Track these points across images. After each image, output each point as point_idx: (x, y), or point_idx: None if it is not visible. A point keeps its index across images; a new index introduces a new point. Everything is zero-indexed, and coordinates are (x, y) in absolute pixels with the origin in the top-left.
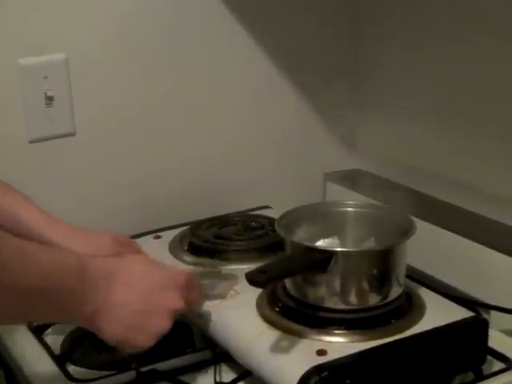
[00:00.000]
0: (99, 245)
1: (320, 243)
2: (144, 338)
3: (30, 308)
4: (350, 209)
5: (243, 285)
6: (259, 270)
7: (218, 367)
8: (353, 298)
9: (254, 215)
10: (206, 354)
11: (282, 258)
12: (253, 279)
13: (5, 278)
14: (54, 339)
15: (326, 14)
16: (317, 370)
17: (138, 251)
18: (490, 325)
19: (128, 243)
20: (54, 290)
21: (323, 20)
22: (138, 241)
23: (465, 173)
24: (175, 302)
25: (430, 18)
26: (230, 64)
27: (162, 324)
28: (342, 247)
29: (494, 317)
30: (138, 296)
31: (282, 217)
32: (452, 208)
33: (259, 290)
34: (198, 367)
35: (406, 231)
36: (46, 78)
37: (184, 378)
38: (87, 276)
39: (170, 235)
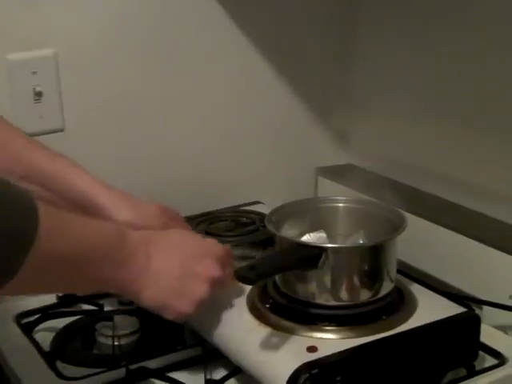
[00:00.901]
0: (147, 213)
1: (305, 238)
2: (184, 304)
3: (71, 276)
4: (340, 204)
5: (233, 281)
6: (249, 267)
7: (208, 364)
8: (344, 294)
9: (244, 211)
10: (197, 351)
11: (271, 254)
12: (242, 276)
13: (47, 248)
14: (44, 336)
15: (319, 12)
16: (307, 367)
17: (184, 226)
18: (483, 320)
19: (176, 217)
20: (94, 258)
21: (315, 18)
22: None
23: (456, 168)
24: (214, 270)
25: (424, 15)
26: (223, 62)
27: (202, 290)
28: (331, 242)
29: (487, 312)
30: (176, 262)
31: (272, 212)
32: (443, 203)
33: (249, 287)
34: (189, 364)
35: (397, 226)
36: (34, 73)
37: (174, 375)
38: (126, 244)
39: None
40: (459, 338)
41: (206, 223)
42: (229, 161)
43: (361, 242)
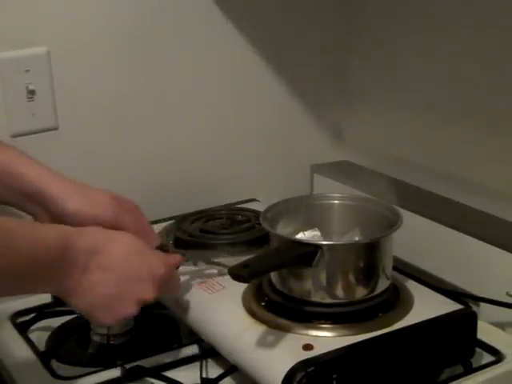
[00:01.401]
0: (96, 202)
1: (300, 236)
2: (106, 318)
3: (5, 287)
4: (335, 201)
5: (228, 279)
6: (243, 265)
7: (204, 363)
8: (339, 292)
9: (240, 208)
10: (193, 350)
11: (266, 252)
12: (236, 274)
13: None
14: (39, 336)
15: (315, 8)
16: (303, 365)
17: (141, 222)
18: (480, 317)
19: (133, 210)
20: (31, 275)
21: (312, 15)
22: None
23: (453, 164)
24: (147, 294)
25: (420, 9)
26: (218, 59)
27: (128, 310)
28: (326, 240)
29: (484, 309)
30: (113, 281)
31: (267, 210)
32: (440, 199)
33: (245, 285)
34: (184, 363)
35: (393, 223)
36: (27, 71)
37: (170, 374)
38: (67, 252)
39: (155, 230)
40: (456, 335)
41: (201, 221)
42: (224, 159)
43: (356, 239)
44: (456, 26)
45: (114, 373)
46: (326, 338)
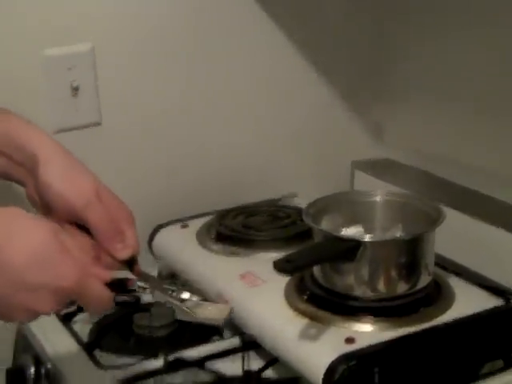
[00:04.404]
0: (75, 185)
1: (343, 232)
2: (2, 317)
3: None
4: (377, 197)
5: (271, 273)
6: (286, 259)
7: (245, 355)
8: (381, 287)
9: (281, 205)
10: (234, 342)
11: (309, 247)
12: (280, 267)
13: None
14: (82, 327)
15: (354, 7)
16: (345, 358)
17: (117, 215)
18: None
19: (110, 202)
20: None
21: (351, 13)
22: (165, 229)
23: (494, 161)
24: (41, 306)
25: (455, 5)
26: (257, 54)
27: (19, 318)
28: (368, 236)
29: None
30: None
31: (310, 205)
32: (481, 197)
33: (287, 279)
34: (226, 354)
35: (435, 219)
36: (71, 68)
37: (211, 366)
38: None
39: (196, 224)
40: (497, 330)
41: (242, 216)
42: (265, 154)
43: (398, 235)
44: (499, 19)
45: (156, 363)
46: (367, 332)
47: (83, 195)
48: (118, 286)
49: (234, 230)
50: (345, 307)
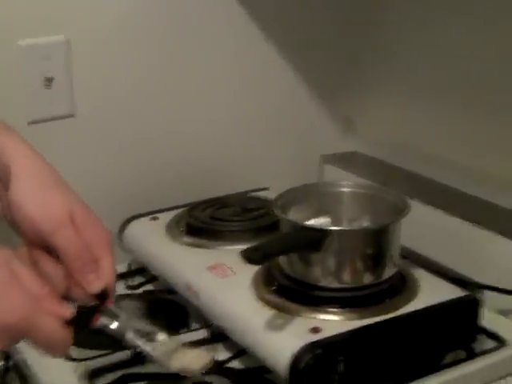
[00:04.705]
0: (45, 205)
1: (311, 222)
2: None
3: None
4: (345, 189)
5: (240, 265)
6: (254, 248)
7: (213, 346)
8: (347, 277)
9: (250, 197)
10: (202, 334)
11: (276, 237)
12: (247, 257)
13: None
14: None
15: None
16: (310, 347)
17: (91, 239)
18: (484, 304)
19: (85, 227)
20: None
21: (326, 7)
22: (135, 222)
23: (463, 155)
24: None
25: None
26: (228, 45)
27: None
28: (335, 226)
29: (488, 297)
30: None
31: (279, 197)
32: (448, 189)
33: (255, 270)
34: (193, 346)
35: (401, 211)
36: (46, 59)
37: None
38: None
39: (166, 217)
40: (459, 321)
41: (212, 208)
42: (235, 148)
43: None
44: (469, 14)
45: (123, 355)
46: (333, 322)
47: (52, 218)
48: (79, 322)
49: (204, 222)
50: (311, 297)
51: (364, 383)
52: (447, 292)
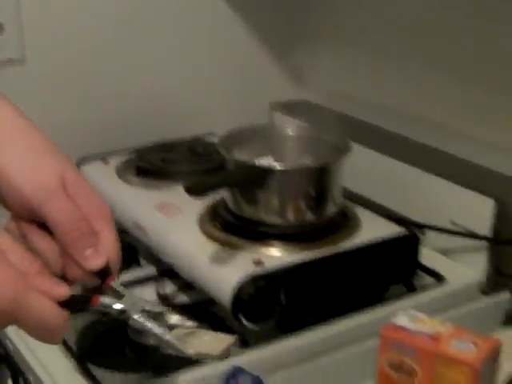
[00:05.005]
0: (37, 180)
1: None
2: None
3: None
4: (289, 131)
5: (187, 204)
6: (196, 181)
7: (160, 281)
8: (290, 214)
9: (199, 141)
10: (150, 271)
11: (220, 172)
12: (189, 188)
13: None
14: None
15: None
16: (253, 279)
17: (88, 209)
18: (425, 244)
19: (75, 186)
20: None
21: None
22: (86, 166)
23: (410, 104)
24: None
25: None
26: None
27: None
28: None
29: (429, 237)
30: None
31: (224, 137)
32: (395, 136)
33: (201, 209)
34: (141, 282)
35: (342, 151)
36: None
37: None
38: None
39: (117, 160)
40: (399, 257)
41: (162, 152)
42: (187, 94)
43: None
44: None
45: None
46: (275, 256)
47: (42, 186)
48: (76, 303)
49: (154, 164)
50: (255, 233)
51: (307, 315)
52: (388, 229)
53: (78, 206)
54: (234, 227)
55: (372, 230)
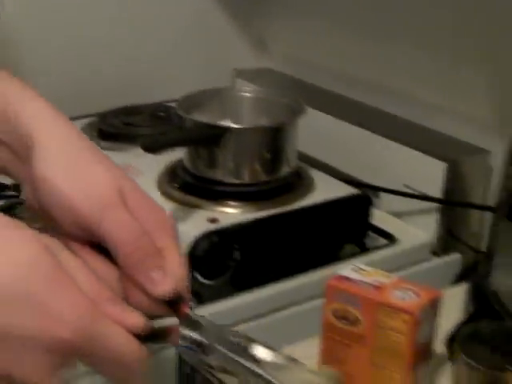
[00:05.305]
0: (90, 190)
1: None
2: None
3: None
4: (246, 94)
5: (148, 165)
6: (152, 138)
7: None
8: (245, 173)
9: (160, 105)
10: None
11: (177, 131)
12: (146, 146)
13: None
14: None
15: None
16: (208, 235)
17: (153, 225)
18: (378, 207)
19: (133, 198)
20: None
21: None
22: None
23: (367, 71)
24: (26, 374)
25: None
26: None
27: None
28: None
29: (383, 200)
30: None
31: (183, 99)
32: (354, 103)
33: (160, 170)
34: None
35: (297, 112)
36: None
37: None
38: None
39: (79, 124)
40: (351, 217)
41: (123, 116)
42: (149, 60)
43: None
44: None
45: None
46: (230, 214)
47: (98, 200)
48: (155, 336)
49: (116, 127)
50: (211, 192)
51: (261, 272)
52: (341, 190)
53: (140, 222)
54: (191, 187)
55: (326, 190)
